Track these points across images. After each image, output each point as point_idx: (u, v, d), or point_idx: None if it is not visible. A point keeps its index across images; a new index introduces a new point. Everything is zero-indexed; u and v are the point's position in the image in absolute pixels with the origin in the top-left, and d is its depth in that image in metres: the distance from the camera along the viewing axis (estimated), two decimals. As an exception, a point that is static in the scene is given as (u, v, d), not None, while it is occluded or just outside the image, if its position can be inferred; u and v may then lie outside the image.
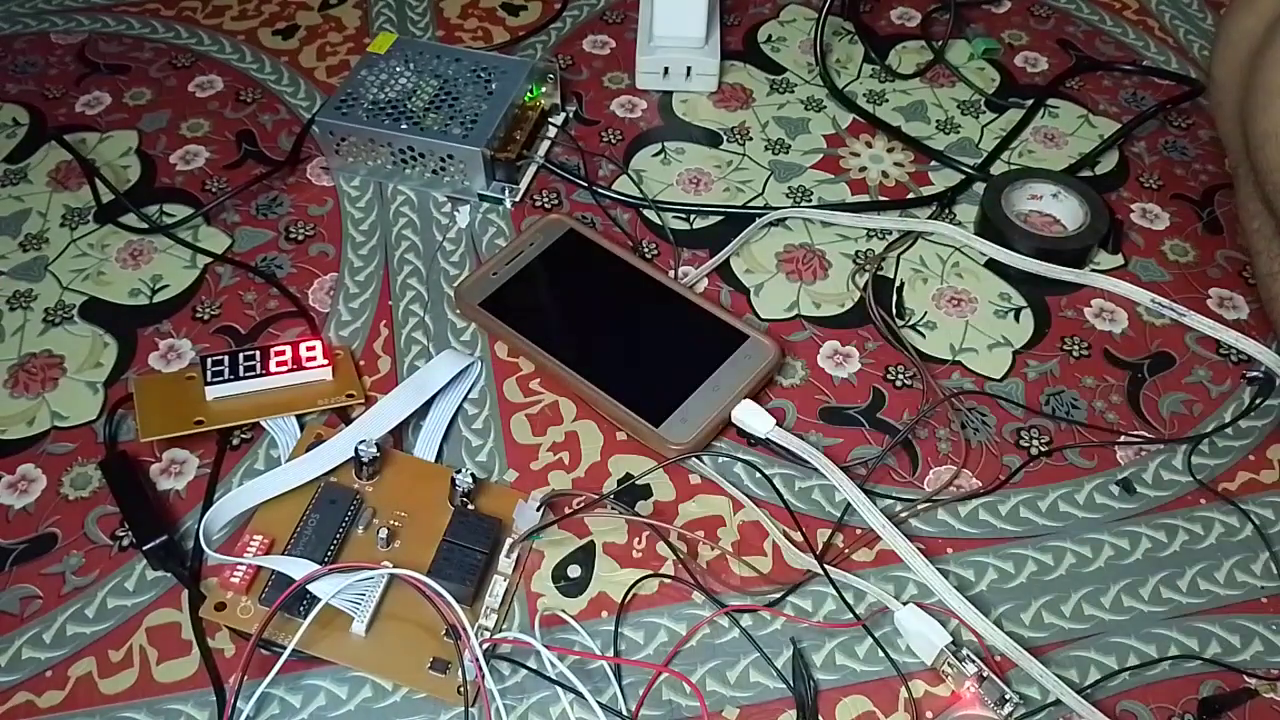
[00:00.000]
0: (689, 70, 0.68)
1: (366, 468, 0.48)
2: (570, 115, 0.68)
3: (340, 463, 0.48)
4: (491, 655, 0.43)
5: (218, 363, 0.51)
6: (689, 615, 0.46)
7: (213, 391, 0.51)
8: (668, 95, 0.70)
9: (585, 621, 0.45)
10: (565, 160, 0.65)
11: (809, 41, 0.73)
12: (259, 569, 0.45)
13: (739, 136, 0.67)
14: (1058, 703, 0.43)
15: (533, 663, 0.43)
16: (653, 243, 0.60)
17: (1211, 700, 0.43)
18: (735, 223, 0.61)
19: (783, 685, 0.43)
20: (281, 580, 0.44)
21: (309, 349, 0.52)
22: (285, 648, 0.42)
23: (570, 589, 0.46)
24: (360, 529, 0.47)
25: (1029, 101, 0.69)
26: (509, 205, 0.62)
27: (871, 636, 0.45)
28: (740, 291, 0.58)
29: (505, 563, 0.46)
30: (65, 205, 0.62)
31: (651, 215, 0.62)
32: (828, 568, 0.46)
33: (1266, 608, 0.46)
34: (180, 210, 0.62)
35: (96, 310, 0.57)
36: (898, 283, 0.59)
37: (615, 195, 0.63)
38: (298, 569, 0.44)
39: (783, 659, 0.44)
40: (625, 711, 0.42)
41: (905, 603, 0.45)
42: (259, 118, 0.68)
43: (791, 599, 0.46)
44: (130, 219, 0.61)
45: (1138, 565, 0.47)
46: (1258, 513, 0.49)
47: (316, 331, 0.56)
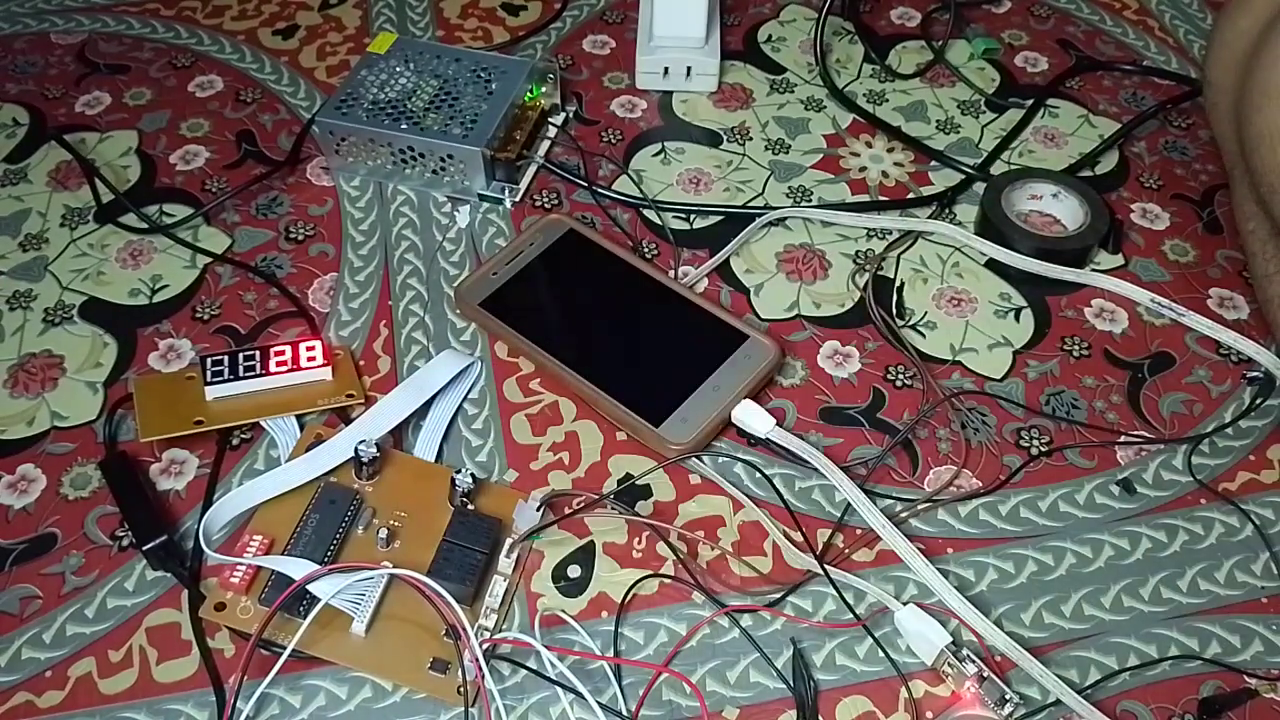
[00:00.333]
0: (689, 70, 0.68)
1: (366, 468, 0.48)
2: (570, 115, 0.68)
3: (340, 463, 0.48)
4: (491, 655, 0.43)
5: (217, 363, 0.51)
6: (689, 615, 0.46)
7: (212, 391, 0.51)
8: (668, 95, 0.70)
9: (585, 622, 0.45)
10: (565, 160, 0.65)
11: (809, 41, 0.73)
12: (259, 569, 0.45)
13: (739, 136, 0.67)
14: (1058, 703, 0.43)
15: (533, 663, 0.43)
16: (653, 243, 0.60)
17: (1212, 700, 0.43)
18: (735, 223, 0.61)
19: (783, 685, 0.43)
20: (281, 580, 0.44)
21: (309, 349, 0.52)
22: (285, 648, 0.42)
23: (570, 589, 0.46)
24: (360, 529, 0.47)
25: (1029, 101, 0.69)
26: (509, 205, 0.62)
27: (871, 637, 0.45)
28: (740, 291, 0.58)
29: (505, 563, 0.46)
30: (65, 205, 0.62)
31: (651, 215, 0.62)
32: (828, 568, 0.46)
33: (1267, 608, 0.46)
34: (180, 210, 0.62)
35: (96, 310, 0.57)
36: (898, 283, 0.59)
37: (615, 195, 0.63)
38: (298, 569, 0.44)
39: (783, 659, 0.44)
40: (625, 712, 0.42)
41: (905, 603, 0.45)
42: (259, 118, 0.68)
43: (791, 599, 0.46)
44: (130, 219, 0.61)
45: (1138, 565, 0.47)
46: (1258, 513, 0.49)
47: (316, 331, 0.56)
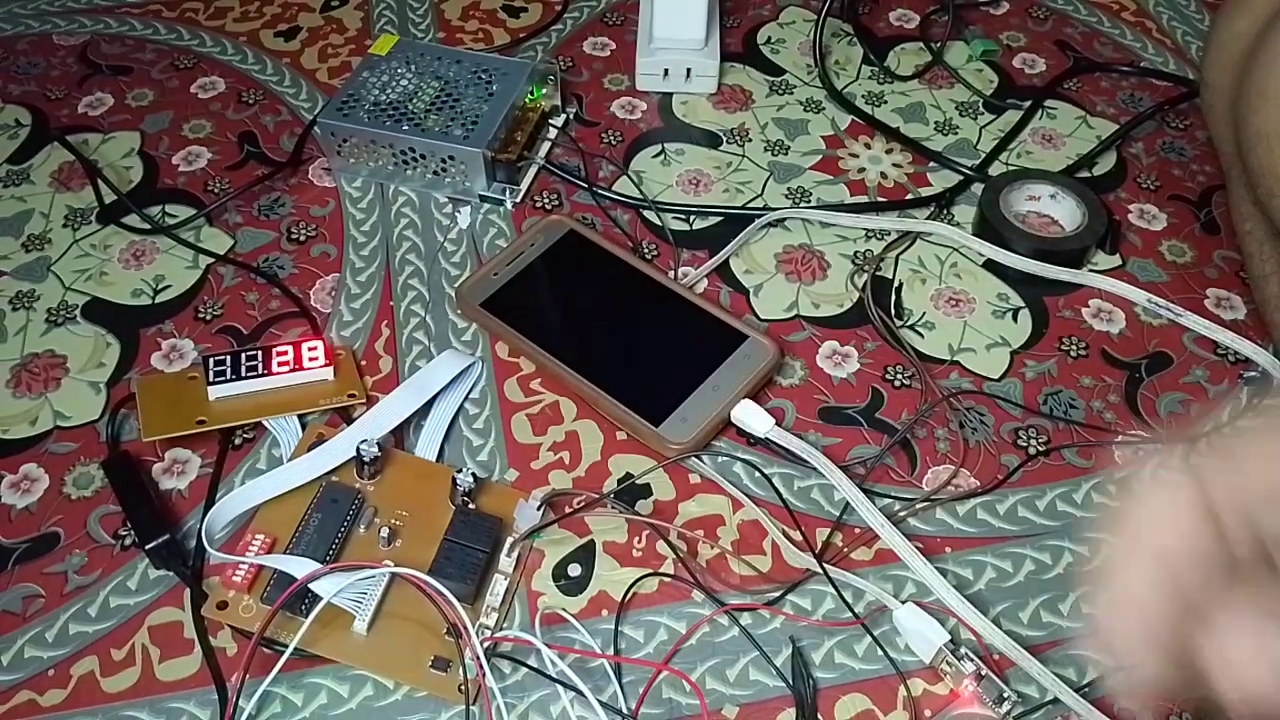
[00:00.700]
0: (689, 72, 0.69)
1: (368, 467, 0.48)
2: (570, 117, 0.68)
3: (342, 462, 0.49)
4: (492, 653, 0.44)
5: (220, 363, 0.51)
6: (689, 614, 0.46)
7: (215, 391, 0.51)
8: (667, 97, 0.70)
9: (585, 620, 0.45)
10: (566, 161, 0.65)
11: (808, 43, 0.73)
12: (261, 568, 0.45)
13: (738, 138, 0.67)
14: (1056, 701, 0.43)
15: (533, 661, 0.44)
16: (653, 243, 0.61)
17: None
18: (735, 223, 0.61)
19: (782, 684, 0.44)
20: (283, 579, 0.44)
21: (311, 349, 0.52)
22: (287, 646, 0.42)
23: (570, 588, 0.47)
24: (362, 528, 0.47)
25: (1027, 103, 0.69)
26: (510, 206, 0.62)
27: (870, 635, 0.45)
28: (740, 292, 0.58)
29: (506, 561, 0.46)
30: (68, 206, 0.63)
31: (651, 216, 0.62)
32: (827, 567, 0.46)
33: (1263, 606, 0.46)
34: (182, 211, 0.62)
35: (99, 310, 0.57)
36: (896, 283, 0.59)
37: (615, 196, 0.63)
38: (299, 568, 0.44)
39: (782, 657, 0.44)
40: (625, 710, 0.42)
41: (904, 601, 0.45)
42: (261, 119, 0.68)
43: (791, 598, 0.46)
44: (133, 220, 0.62)
45: (1135, 564, 0.48)
46: (1255, 512, 0.49)
47: (318, 332, 0.56)
